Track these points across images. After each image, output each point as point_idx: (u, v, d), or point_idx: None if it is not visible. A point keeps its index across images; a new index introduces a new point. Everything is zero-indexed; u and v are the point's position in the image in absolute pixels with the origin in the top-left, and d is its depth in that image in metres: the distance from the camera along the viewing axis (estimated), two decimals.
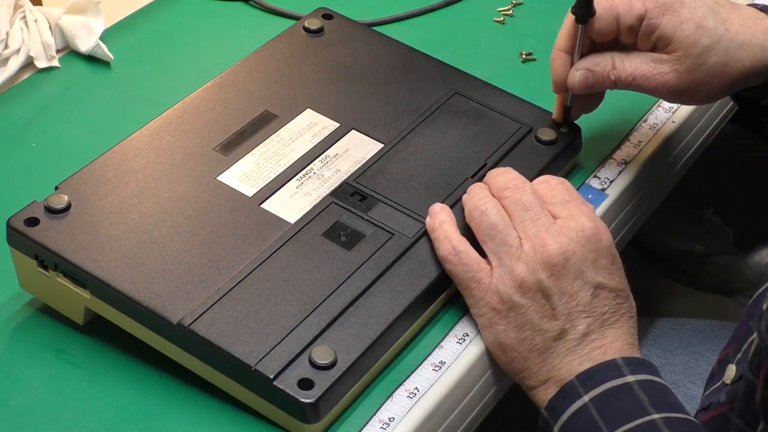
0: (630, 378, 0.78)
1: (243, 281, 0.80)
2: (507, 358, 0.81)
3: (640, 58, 0.90)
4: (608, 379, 0.78)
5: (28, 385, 0.80)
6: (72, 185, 0.86)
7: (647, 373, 0.79)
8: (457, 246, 0.82)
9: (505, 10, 1.16)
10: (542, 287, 0.79)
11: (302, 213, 0.86)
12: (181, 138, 0.91)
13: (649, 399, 0.77)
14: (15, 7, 1.07)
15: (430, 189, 0.89)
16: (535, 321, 0.79)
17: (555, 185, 0.83)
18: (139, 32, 1.12)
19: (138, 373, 0.81)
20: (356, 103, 0.95)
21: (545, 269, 0.79)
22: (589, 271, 0.80)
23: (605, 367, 0.79)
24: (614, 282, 0.81)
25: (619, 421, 0.76)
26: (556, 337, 0.79)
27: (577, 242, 0.80)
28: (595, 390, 0.78)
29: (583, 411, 0.78)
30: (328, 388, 0.76)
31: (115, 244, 0.82)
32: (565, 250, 0.79)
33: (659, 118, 1.04)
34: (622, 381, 0.78)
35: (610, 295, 0.80)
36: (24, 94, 1.04)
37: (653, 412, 0.76)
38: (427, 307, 0.84)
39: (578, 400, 0.78)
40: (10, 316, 0.85)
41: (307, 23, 1.02)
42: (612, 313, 0.80)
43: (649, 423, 0.76)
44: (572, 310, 0.79)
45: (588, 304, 0.80)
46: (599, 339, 0.80)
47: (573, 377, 0.79)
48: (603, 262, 0.80)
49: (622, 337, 0.80)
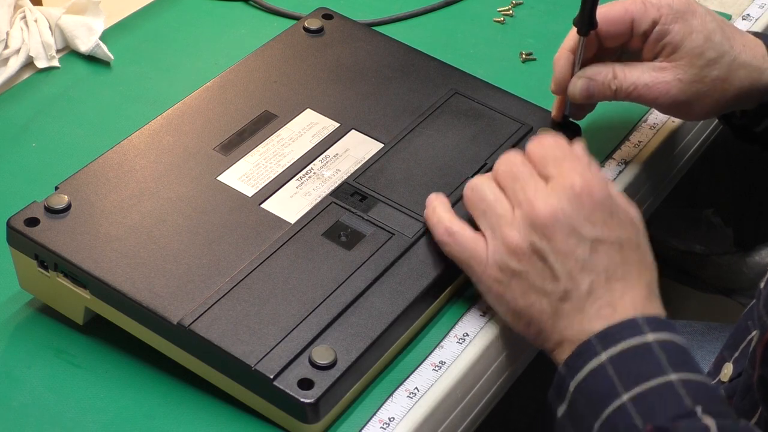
0: (650, 337, 0.76)
1: (243, 281, 0.80)
2: (522, 325, 0.80)
3: (642, 67, 0.91)
4: (627, 338, 0.76)
5: (28, 385, 0.80)
6: (72, 185, 0.86)
7: (668, 333, 0.77)
8: (450, 227, 0.82)
9: (505, 10, 1.16)
10: (536, 250, 0.78)
11: (302, 213, 0.86)
12: (181, 138, 0.91)
13: (668, 359, 0.75)
14: (15, 7, 1.07)
15: (430, 189, 0.89)
16: (538, 284, 0.78)
17: (547, 145, 0.81)
18: (139, 32, 1.12)
19: (138, 373, 0.81)
20: (356, 103, 0.95)
21: (536, 231, 0.78)
22: (583, 227, 0.78)
23: (625, 325, 0.77)
24: (615, 234, 0.79)
25: (635, 381, 0.74)
26: (561, 298, 0.78)
27: (566, 200, 0.78)
28: (613, 348, 0.76)
29: (600, 369, 0.76)
30: (328, 388, 0.76)
31: (115, 244, 0.82)
32: (554, 209, 0.78)
33: (659, 118, 1.04)
34: (642, 340, 0.76)
35: (611, 249, 0.78)
36: (24, 94, 1.04)
37: (671, 373, 0.74)
38: (427, 307, 0.84)
39: (595, 358, 0.76)
40: (10, 316, 0.85)
41: (307, 23, 1.02)
42: (617, 266, 0.78)
43: (666, 384, 0.74)
44: (572, 269, 0.78)
45: (587, 261, 0.78)
46: (607, 295, 0.78)
47: (591, 336, 0.77)
48: (598, 216, 0.78)
49: (633, 290, 0.78)
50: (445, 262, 0.84)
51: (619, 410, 0.74)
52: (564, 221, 0.78)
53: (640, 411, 0.73)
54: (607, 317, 0.77)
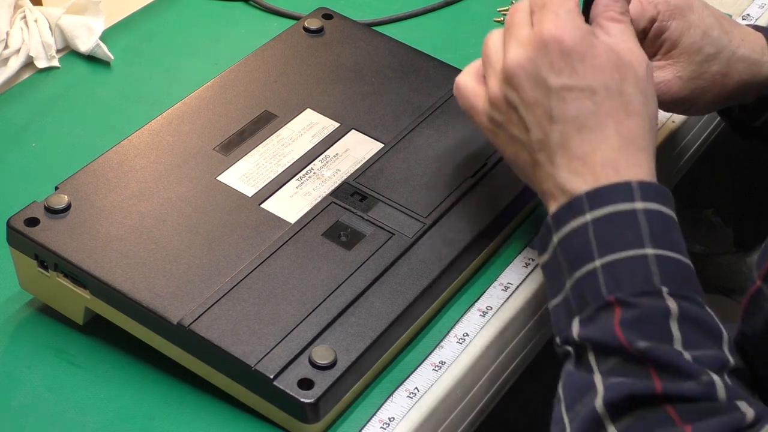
0: (638, 205, 0.74)
1: (243, 281, 0.80)
2: (518, 172, 0.81)
3: None
4: (615, 202, 0.74)
5: (28, 385, 0.80)
6: (72, 185, 0.86)
7: (659, 202, 0.75)
8: (458, 80, 0.83)
9: (505, 10, 1.16)
10: (508, 100, 0.78)
11: (302, 213, 0.86)
12: (181, 138, 0.91)
13: (650, 231, 0.74)
14: (15, 7, 1.07)
15: (430, 189, 0.89)
16: (516, 135, 0.79)
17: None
18: (139, 32, 1.12)
19: (138, 373, 0.81)
20: (356, 103, 0.95)
21: (505, 82, 0.78)
22: (549, 77, 0.76)
23: (616, 188, 0.75)
24: (585, 81, 0.76)
25: (611, 248, 0.73)
26: (538, 149, 0.77)
27: (532, 49, 0.77)
28: (599, 210, 0.74)
29: (581, 229, 0.75)
30: (328, 388, 0.76)
31: (115, 244, 0.82)
32: (519, 59, 0.77)
33: (659, 118, 1.04)
34: (629, 206, 0.74)
35: (581, 96, 0.76)
36: (24, 94, 1.04)
37: (648, 247, 0.73)
38: (427, 307, 0.84)
39: (581, 217, 0.75)
40: (10, 316, 0.85)
41: (307, 23, 1.02)
42: (589, 116, 0.76)
43: (640, 257, 0.73)
44: (540, 119, 0.77)
45: (554, 110, 0.76)
46: (579, 148, 0.76)
47: (582, 193, 0.75)
48: (565, 63, 0.76)
49: (607, 142, 0.75)
50: (445, 262, 0.84)
51: (589, 274, 0.73)
52: (530, 71, 0.77)
53: (608, 280, 0.72)
54: (578, 171, 0.76)
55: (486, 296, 0.87)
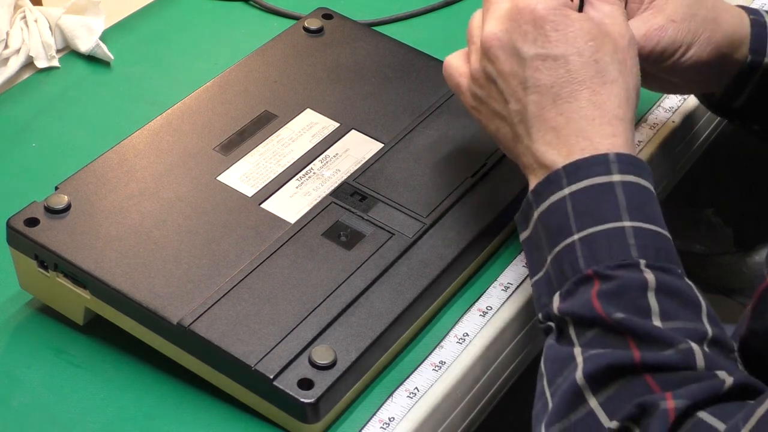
0: (616, 177, 0.74)
1: (243, 281, 0.80)
2: (503, 148, 0.82)
3: (633, 22, 0.90)
4: (592, 175, 0.74)
5: (28, 385, 0.80)
6: (72, 185, 0.86)
7: (636, 174, 0.75)
8: (446, 60, 0.84)
9: None
10: (486, 73, 0.79)
11: (302, 213, 0.86)
12: (181, 138, 0.91)
13: (628, 204, 0.74)
14: (15, 7, 1.07)
15: (430, 188, 0.89)
16: (496, 109, 0.80)
17: None
18: (139, 32, 1.12)
19: (138, 373, 0.81)
20: (356, 103, 0.95)
21: (484, 55, 0.79)
22: (523, 46, 0.77)
23: (593, 161, 0.75)
24: (558, 49, 0.76)
25: (589, 221, 0.74)
26: (517, 122, 0.78)
27: (507, 19, 0.78)
28: (576, 184, 0.75)
29: (560, 203, 0.75)
30: (328, 388, 0.76)
31: (115, 244, 0.82)
32: (494, 30, 0.78)
33: (659, 118, 1.04)
34: (606, 179, 0.74)
35: (554, 65, 0.76)
36: (24, 94, 1.04)
37: (626, 219, 0.73)
38: (426, 307, 0.84)
39: (559, 191, 0.75)
40: (10, 316, 0.85)
41: (307, 23, 1.02)
42: (564, 85, 0.76)
43: (617, 229, 0.73)
44: (515, 89, 0.77)
45: (528, 79, 0.77)
46: (553, 119, 0.76)
47: (560, 167, 0.75)
48: (539, 32, 0.76)
49: (581, 111, 0.76)
50: (445, 262, 0.84)
51: (568, 248, 0.74)
52: (505, 41, 0.78)
53: (586, 253, 0.73)
54: (553, 143, 0.76)
55: (486, 296, 0.87)
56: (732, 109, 0.97)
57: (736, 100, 0.95)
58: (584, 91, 0.76)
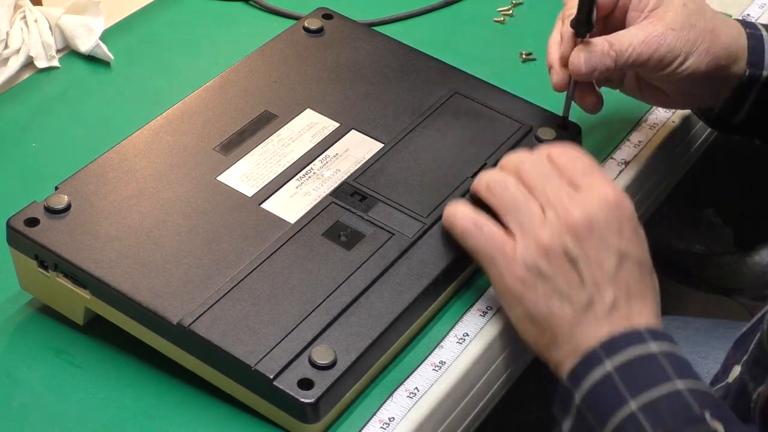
0: (654, 348, 0.76)
1: (243, 281, 0.80)
2: (536, 332, 0.79)
3: (632, 29, 0.91)
4: (632, 346, 0.76)
5: (28, 385, 0.80)
6: (72, 185, 0.86)
7: (669, 344, 0.77)
8: (479, 220, 0.81)
9: (505, 10, 1.16)
10: (568, 253, 0.78)
11: (302, 213, 0.86)
12: (181, 138, 0.91)
13: (673, 368, 0.75)
14: (15, 7, 1.07)
15: (430, 189, 0.89)
16: (564, 289, 0.78)
17: (575, 156, 0.82)
18: (139, 32, 1.12)
19: (138, 373, 0.81)
20: (356, 103, 0.95)
21: (570, 235, 0.78)
22: (613, 239, 0.78)
23: (629, 335, 0.76)
24: (637, 252, 0.79)
25: (642, 388, 0.74)
26: (585, 307, 0.78)
27: (600, 209, 0.78)
28: (618, 357, 0.76)
29: (606, 379, 0.75)
30: (328, 388, 0.76)
31: (115, 244, 0.82)
32: (590, 216, 0.78)
33: (659, 118, 1.04)
34: (646, 350, 0.76)
35: (634, 267, 0.79)
36: (24, 94, 1.04)
37: (677, 381, 0.75)
38: (426, 307, 0.84)
39: (600, 366, 0.76)
40: (10, 316, 0.85)
41: (307, 23, 1.02)
42: (636, 285, 0.79)
43: (675, 392, 0.74)
44: (599, 279, 0.78)
45: (613, 274, 0.78)
46: (626, 311, 0.78)
47: (597, 345, 0.76)
48: (627, 232, 0.79)
49: (648, 310, 0.79)
50: (445, 262, 0.84)
51: (628, 418, 0.74)
52: (598, 230, 0.78)
53: (650, 418, 0.73)
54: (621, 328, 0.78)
55: (486, 296, 0.87)
56: (732, 125, 0.97)
57: (736, 116, 0.96)
58: (648, 292, 0.80)
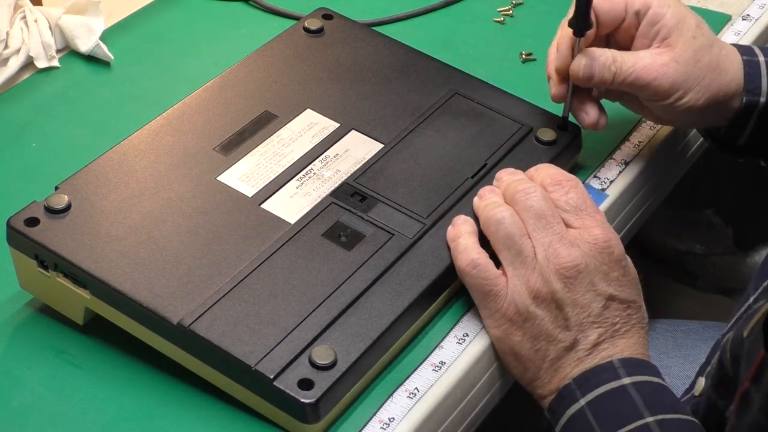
0: (626, 380, 0.79)
1: (243, 281, 0.80)
2: (521, 368, 0.82)
3: (639, 53, 0.92)
4: (604, 382, 0.79)
5: (28, 385, 0.80)
6: (72, 185, 0.86)
7: (644, 374, 0.80)
8: (477, 259, 0.82)
9: (505, 10, 1.16)
10: (556, 298, 0.80)
11: (302, 213, 0.86)
12: (181, 138, 0.91)
13: (644, 401, 0.78)
14: (15, 7, 1.07)
15: (430, 189, 0.89)
16: (550, 331, 0.80)
17: (568, 190, 0.83)
18: (139, 32, 1.12)
19: (138, 373, 0.81)
20: (356, 103, 0.95)
21: (559, 280, 0.80)
22: (600, 283, 0.81)
23: (601, 369, 0.80)
24: (625, 293, 0.82)
25: (613, 425, 0.77)
26: (568, 347, 0.80)
27: (589, 254, 0.81)
28: (591, 393, 0.79)
29: (579, 415, 0.79)
30: (328, 388, 0.76)
31: (115, 244, 0.82)
32: (578, 262, 0.80)
33: None
34: (618, 384, 0.79)
35: (620, 306, 0.81)
36: (24, 94, 1.04)
37: (647, 415, 0.77)
38: (426, 308, 0.84)
39: (575, 403, 0.79)
40: (10, 316, 0.85)
41: (307, 23, 1.02)
42: (623, 324, 0.81)
43: (643, 426, 0.77)
44: (584, 321, 0.80)
45: (599, 315, 0.80)
46: (610, 348, 0.81)
47: (571, 381, 0.80)
48: (615, 274, 0.81)
49: (633, 346, 0.81)
50: (445, 263, 0.84)
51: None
52: (585, 274, 0.80)
53: None
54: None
55: None
56: (737, 147, 0.98)
57: (739, 138, 0.97)
58: (634, 331, 0.82)
